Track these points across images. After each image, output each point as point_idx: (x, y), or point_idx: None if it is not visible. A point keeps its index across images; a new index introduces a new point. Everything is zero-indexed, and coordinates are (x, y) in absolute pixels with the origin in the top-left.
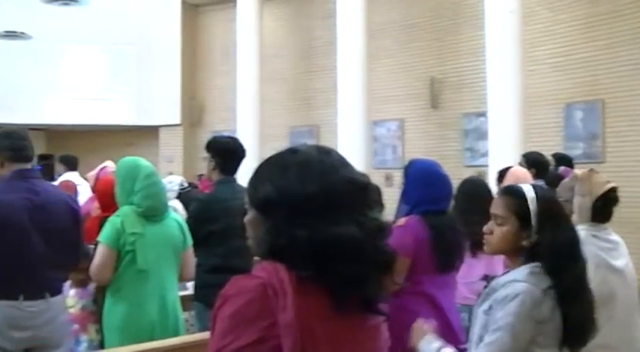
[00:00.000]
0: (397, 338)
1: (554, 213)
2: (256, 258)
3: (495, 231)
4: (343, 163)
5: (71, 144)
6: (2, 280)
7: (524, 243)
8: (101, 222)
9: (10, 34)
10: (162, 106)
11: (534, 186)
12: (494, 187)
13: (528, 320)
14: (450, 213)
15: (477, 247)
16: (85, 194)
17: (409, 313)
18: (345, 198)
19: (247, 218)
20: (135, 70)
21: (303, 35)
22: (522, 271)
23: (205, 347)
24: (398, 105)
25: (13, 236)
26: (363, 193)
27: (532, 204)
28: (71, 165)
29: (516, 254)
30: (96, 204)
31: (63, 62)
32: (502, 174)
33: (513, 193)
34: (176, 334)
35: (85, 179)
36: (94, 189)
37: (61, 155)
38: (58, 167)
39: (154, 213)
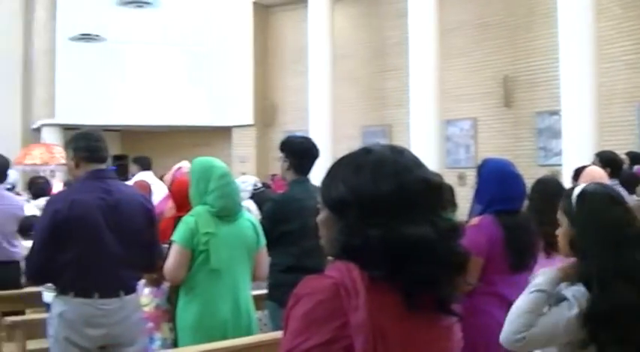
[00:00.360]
0: (469, 338)
1: (601, 222)
2: (329, 258)
3: (559, 232)
4: (417, 163)
5: (145, 144)
6: (78, 278)
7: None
8: (176, 221)
9: (86, 37)
10: (235, 107)
11: (589, 187)
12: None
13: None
14: (524, 212)
15: (550, 248)
16: (158, 194)
17: (481, 313)
18: (418, 198)
19: (320, 218)
20: (208, 70)
21: (374, 35)
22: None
23: (278, 346)
24: (471, 104)
25: (87, 235)
26: (437, 193)
27: (574, 205)
28: (145, 165)
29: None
30: (171, 204)
31: (137, 64)
32: (578, 173)
33: (566, 194)
34: (249, 333)
35: (161, 179)
36: (170, 190)
37: (134, 156)
38: (132, 167)
39: (227, 213)
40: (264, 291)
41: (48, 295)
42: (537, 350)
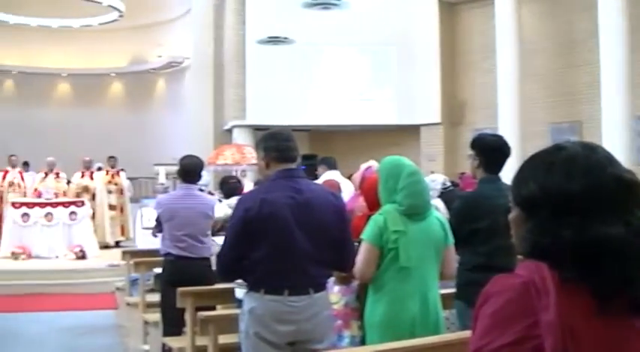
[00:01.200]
0: None
1: None
2: (519, 257)
3: None
4: (610, 160)
5: (333, 144)
6: (268, 276)
7: None
8: (365, 220)
9: (274, 40)
10: (422, 105)
11: None
12: None
13: None
14: None
15: None
16: (347, 193)
17: None
18: (611, 197)
19: (511, 216)
20: (395, 69)
21: (562, 29)
22: None
23: (466, 345)
24: None
25: (278, 233)
26: (631, 191)
27: None
28: (331, 165)
29: None
30: (361, 203)
31: (324, 64)
32: None
33: None
34: (436, 332)
35: (349, 178)
36: (359, 189)
37: (321, 157)
38: (319, 168)
39: (416, 211)
40: (452, 290)
41: (239, 291)
42: None
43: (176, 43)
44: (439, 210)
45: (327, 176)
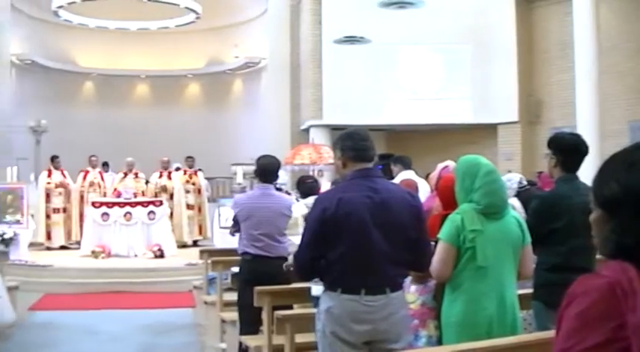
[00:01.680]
0: None
1: None
2: (599, 257)
3: None
4: None
5: (410, 143)
6: (345, 275)
7: None
8: (442, 219)
9: (350, 39)
10: (499, 104)
11: None
12: None
13: None
14: None
15: None
16: (423, 192)
17: None
18: None
19: (592, 217)
20: (471, 68)
21: None
22: None
23: (543, 347)
24: None
25: (355, 233)
26: None
27: None
28: (406, 164)
29: None
30: (438, 202)
31: (400, 64)
32: None
33: None
34: (514, 332)
35: (426, 178)
36: (436, 189)
37: (395, 156)
38: (394, 167)
39: (493, 210)
40: (529, 291)
41: (316, 290)
42: None
43: (252, 44)
44: (515, 209)
45: (402, 176)
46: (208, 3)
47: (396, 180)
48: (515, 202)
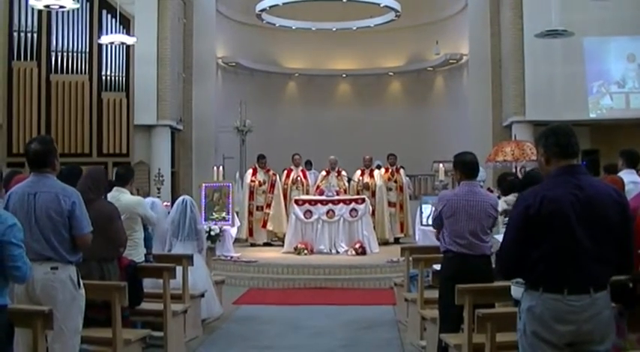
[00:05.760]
0: None
1: None
2: None
3: None
4: None
5: (616, 139)
6: (548, 274)
7: None
8: None
9: (552, 33)
10: None
11: None
12: None
13: None
14: None
15: None
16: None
17: None
18: None
19: None
20: None
21: None
22: None
23: None
24: None
25: (559, 230)
26: None
27: None
28: (630, 161)
29: None
30: None
31: (604, 55)
32: None
33: None
34: None
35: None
36: None
37: (621, 150)
38: (618, 161)
39: None
40: None
41: (516, 290)
42: None
43: (453, 40)
44: None
45: (625, 174)
46: (408, 1)
47: (621, 174)
48: None
